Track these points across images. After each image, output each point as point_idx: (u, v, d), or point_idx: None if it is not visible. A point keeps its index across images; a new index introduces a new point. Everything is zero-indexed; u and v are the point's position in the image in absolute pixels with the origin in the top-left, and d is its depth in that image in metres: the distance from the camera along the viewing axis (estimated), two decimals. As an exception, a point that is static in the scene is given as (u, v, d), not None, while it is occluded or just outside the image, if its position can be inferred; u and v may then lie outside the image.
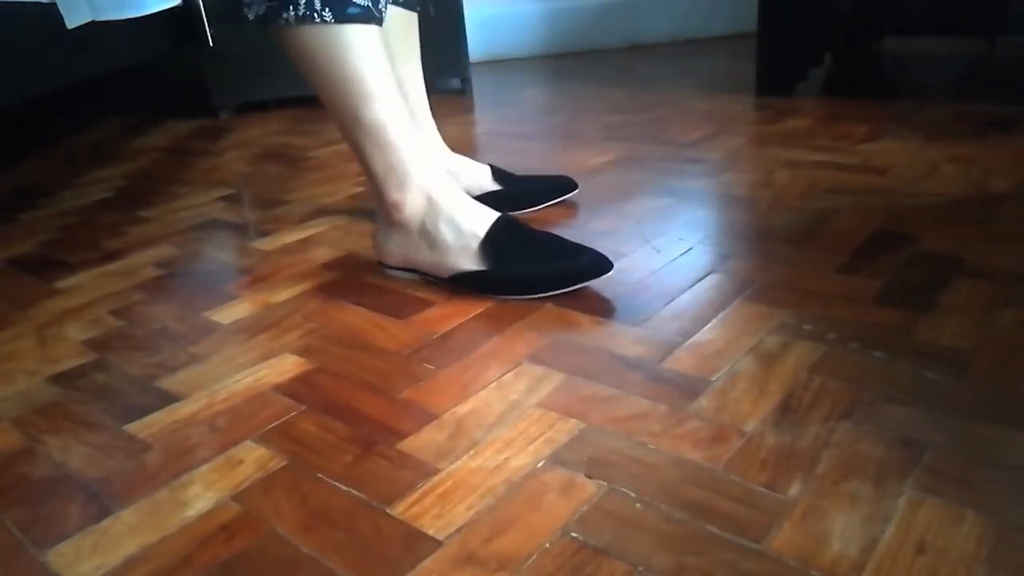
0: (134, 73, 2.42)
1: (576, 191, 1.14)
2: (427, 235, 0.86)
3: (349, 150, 0.93)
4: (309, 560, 0.51)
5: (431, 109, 1.11)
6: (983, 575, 0.45)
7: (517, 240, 0.85)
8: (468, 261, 0.84)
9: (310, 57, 0.82)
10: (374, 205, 0.91)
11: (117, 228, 1.24)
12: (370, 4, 0.81)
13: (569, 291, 0.84)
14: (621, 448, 0.59)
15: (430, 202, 0.86)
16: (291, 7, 0.78)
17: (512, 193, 1.11)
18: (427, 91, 1.11)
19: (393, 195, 0.86)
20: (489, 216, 0.86)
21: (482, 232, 0.84)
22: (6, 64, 1.45)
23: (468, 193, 1.02)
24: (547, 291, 0.82)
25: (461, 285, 0.86)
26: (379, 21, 0.82)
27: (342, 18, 0.79)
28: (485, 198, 1.06)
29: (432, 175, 0.87)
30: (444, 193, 0.86)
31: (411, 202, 0.86)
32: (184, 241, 1.15)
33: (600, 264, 0.83)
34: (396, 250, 0.90)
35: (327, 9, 0.78)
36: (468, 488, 0.56)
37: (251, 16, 0.80)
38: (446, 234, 0.85)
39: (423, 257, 0.88)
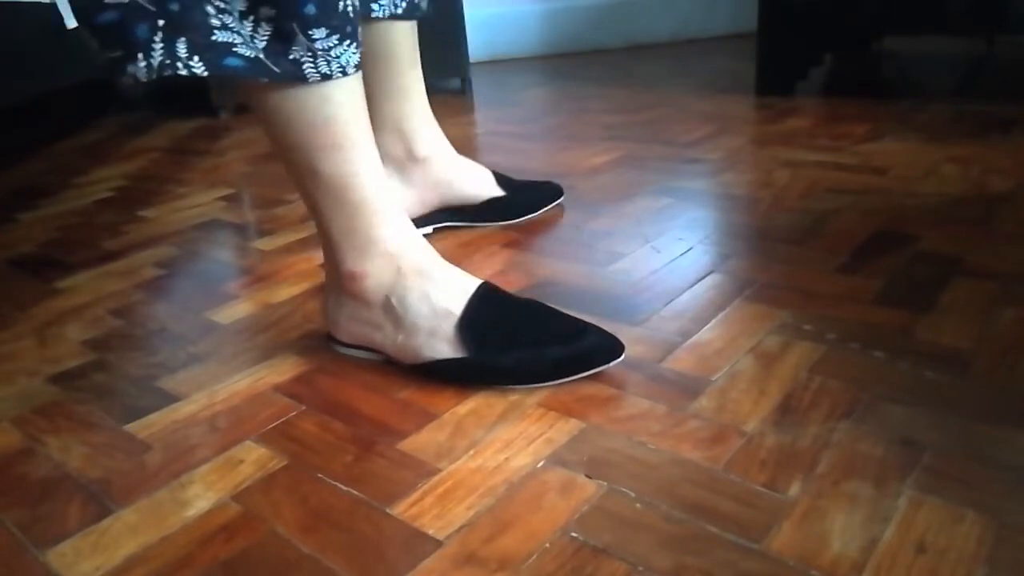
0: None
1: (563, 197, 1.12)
2: (392, 312, 0.71)
3: None
4: (309, 560, 0.51)
5: (432, 108, 1.04)
6: (983, 575, 0.45)
7: (502, 317, 0.69)
8: (442, 346, 0.69)
9: (259, 102, 0.67)
10: (326, 272, 0.77)
11: (117, 228, 1.24)
12: (303, 57, 0.62)
13: (567, 292, 0.84)
14: (621, 448, 0.59)
15: (399, 273, 0.70)
16: (140, 57, 0.59)
17: (511, 202, 1.07)
18: (427, 92, 1.04)
19: (352, 263, 0.71)
20: (467, 287, 0.71)
21: (459, 309, 0.69)
22: (6, 64, 1.45)
23: (470, 201, 0.99)
24: (543, 382, 0.68)
25: (434, 376, 0.70)
26: (305, 79, 0.63)
27: (230, 70, 0.62)
28: (485, 205, 1.05)
29: (404, 239, 0.72)
30: (416, 261, 0.71)
31: (375, 273, 0.71)
32: (184, 241, 1.15)
33: (607, 349, 0.68)
34: (349, 324, 0.74)
35: (195, 58, 0.61)
36: (468, 488, 0.56)
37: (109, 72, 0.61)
38: (416, 313, 0.70)
39: (384, 337, 0.72)
